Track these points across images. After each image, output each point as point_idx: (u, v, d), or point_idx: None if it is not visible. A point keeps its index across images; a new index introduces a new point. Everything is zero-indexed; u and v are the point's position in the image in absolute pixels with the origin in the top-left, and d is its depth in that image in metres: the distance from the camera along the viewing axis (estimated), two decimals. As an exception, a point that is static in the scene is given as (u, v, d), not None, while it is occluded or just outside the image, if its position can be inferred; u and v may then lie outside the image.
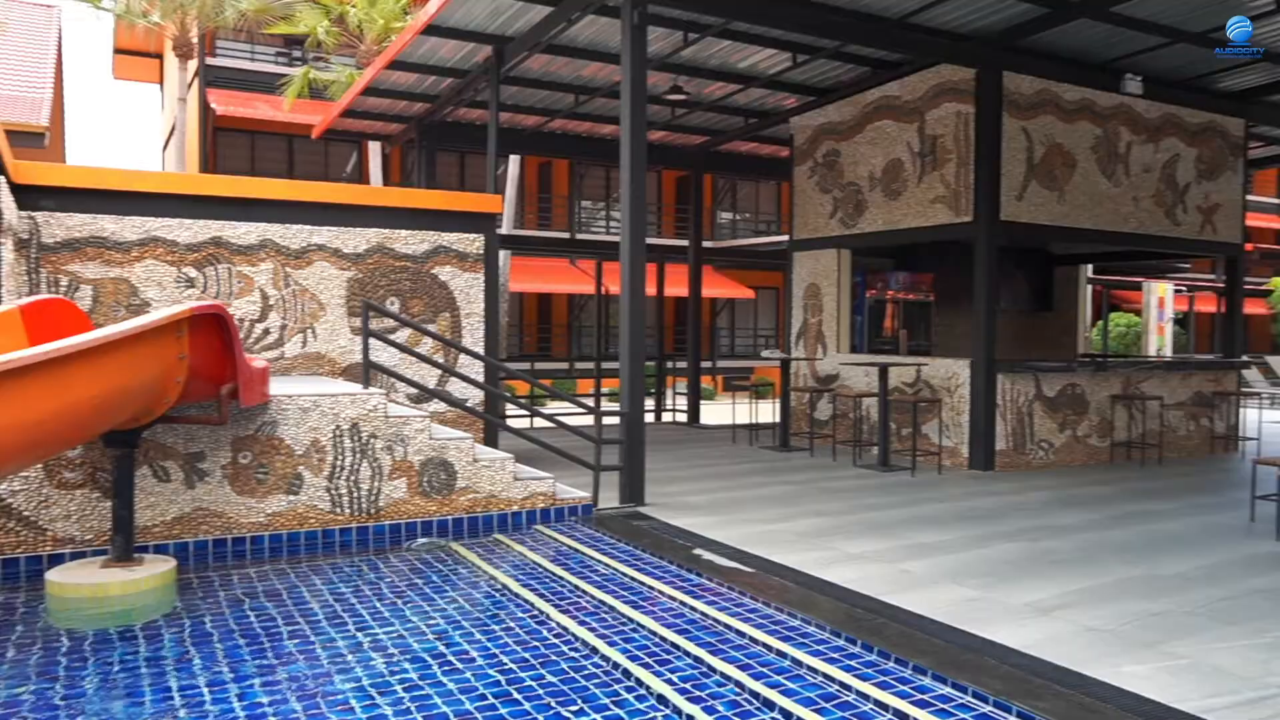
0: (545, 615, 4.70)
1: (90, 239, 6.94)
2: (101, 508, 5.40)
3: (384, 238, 7.83)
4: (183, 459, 5.62)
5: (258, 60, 24.57)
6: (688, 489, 7.90)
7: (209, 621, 4.59)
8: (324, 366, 7.60)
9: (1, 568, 5.21)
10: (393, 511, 6.19)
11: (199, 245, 7.25)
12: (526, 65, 10.31)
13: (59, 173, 7.24)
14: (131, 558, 4.94)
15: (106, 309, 6.92)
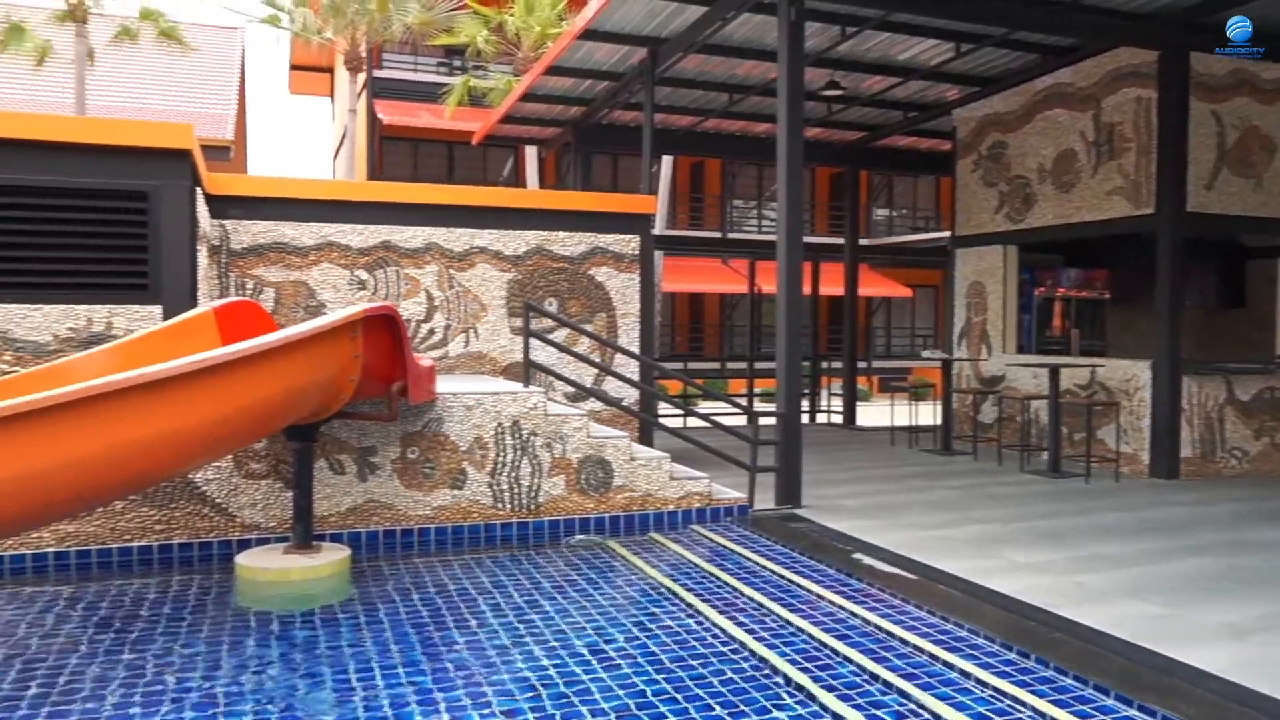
0: (702, 615, 4.69)
1: (272, 244, 7.39)
2: (284, 497, 5.73)
3: (543, 240, 8.01)
4: (356, 453, 5.91)
5: (420, 71, 25.63)
6: (844, 492, 7.72)
7: (380, 608, 4.79)
8: (485, 366, 7.84)
9: (197, 550, 5.62)
10: (551, 508, 6.31)
11: (370, 249, 7.61)
12: (681, 66, 10.33)
13: (245, 183, 7.74)
14: (311, 545, 5.22)
15: (287, 310, 7.36)
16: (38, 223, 5.44)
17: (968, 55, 10.00)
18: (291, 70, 31.90)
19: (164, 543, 5.57)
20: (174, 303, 5.59)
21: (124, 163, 5.59)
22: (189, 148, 5.76)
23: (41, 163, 5.45)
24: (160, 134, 5.74)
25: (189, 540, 5.61)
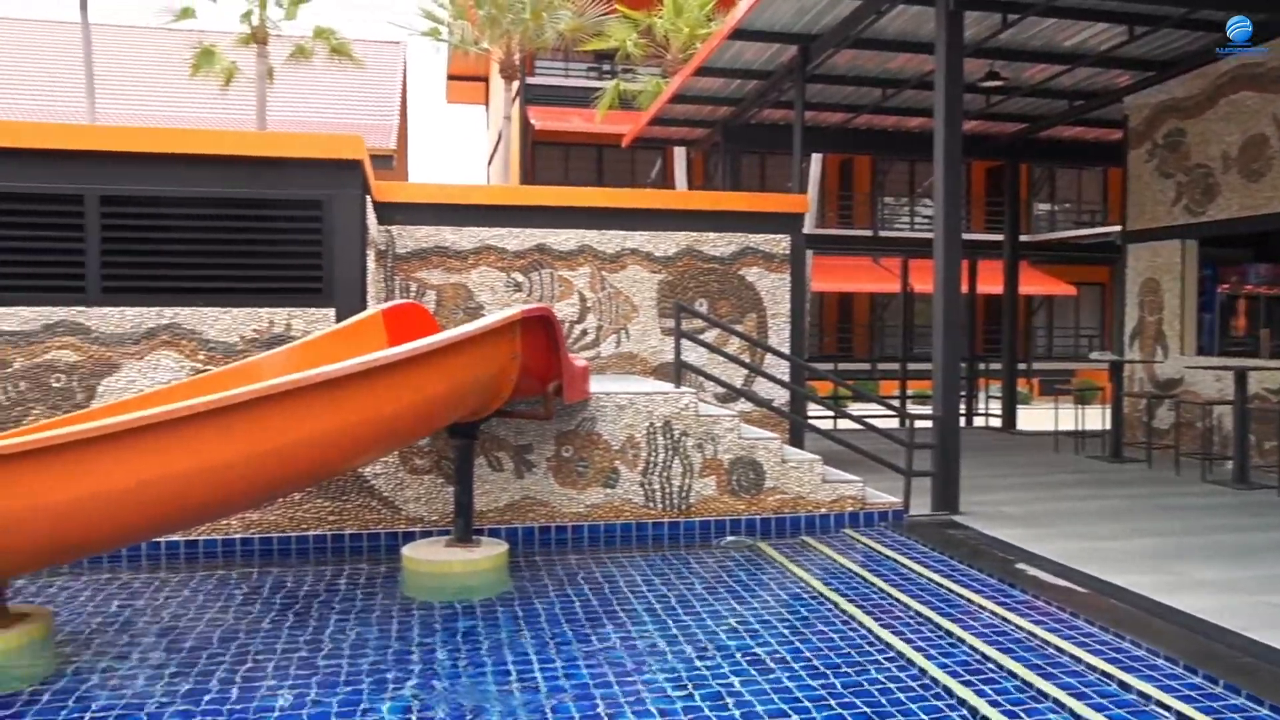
0: (856, 621, 4.60)
1: (434, 248, 7.70)
2: (445, 492, 5.96)
3: (693, 240, 8.04)
4: (513, 451, 6.08)
5: (571, 76, 26.15)
6: (1004, 498, 7.42)
7: (537, 603, 4.92)
8: (636, 366, 7.93)
9: (366, 541, 5.91)
10: (702, 508, 6.32)
11: (525, 252, 7.82)
12: (832, 62, 10.16)
13: (409, 190, 8.10)
14: (471, 540, 5.41)
15: (447, 311, 7.65)
16: (226, 231, 5.86)
17: (1142, 39, 9.42)
18: (449, 80, 33.14)
19: (336, 532, 5.89)
20: (346, 305, 5.90)
21: (301, 174, 5.95)
22: (360, 158, 6.07)
23: (229, 176, 5.86)
24: (334, 146, 6.08)
25: (359, 531, 5.92)
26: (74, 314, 5.65)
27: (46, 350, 5.62)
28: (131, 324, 5.71)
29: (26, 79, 23.42)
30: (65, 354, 5.64)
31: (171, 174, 5.80)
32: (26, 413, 5.58)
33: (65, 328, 5.64)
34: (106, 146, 5.83)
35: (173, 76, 22.61)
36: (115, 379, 5.68)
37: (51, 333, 5.62)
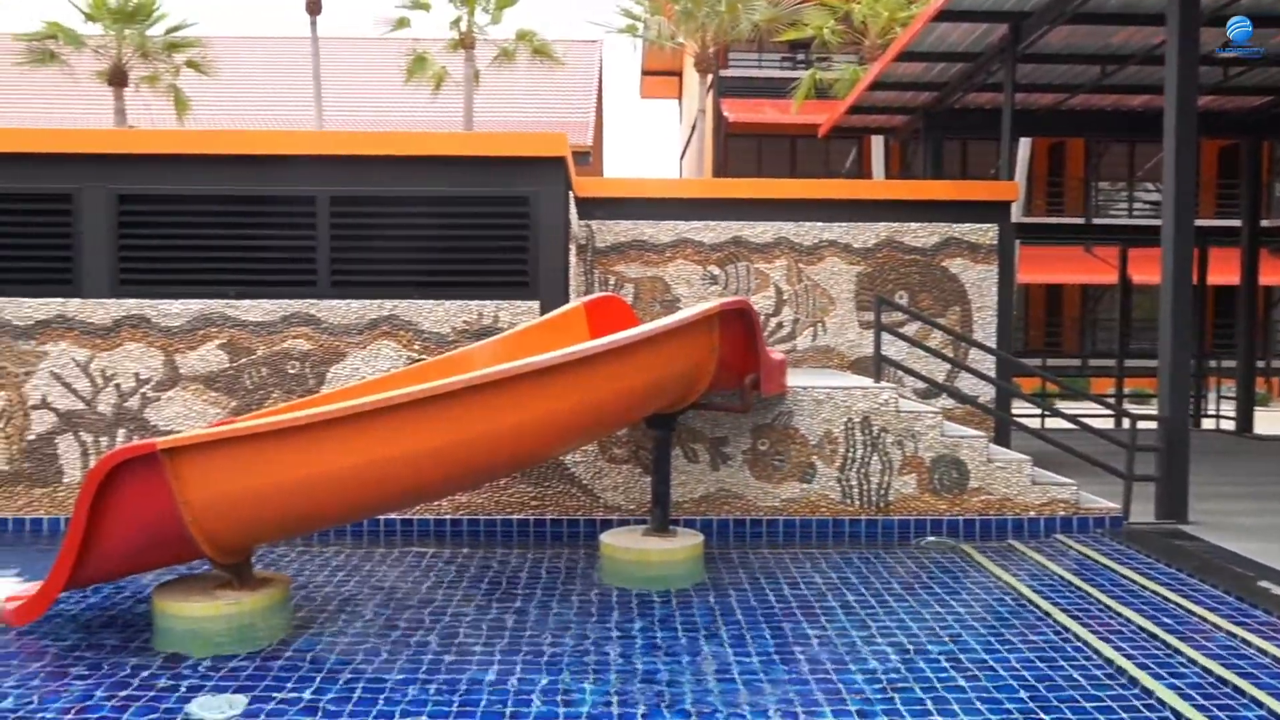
0: (1070, 633, 4.34)
1: (632, 242, 7.84)
2: (642, 482, 6.07)
3: (893, 232, 7.81)
4: (709, 443, 6.12)
5: (765, 67, 25.96)
6: (1241, 508, 6.79)
7: (732, 595, 4.93)
8: (833, 360, 7.79)
9: (566, 527, 6.11)
10: (901, 507, 6.14)
11: (721, 245, 7.84)
12: (1045, 40, 9.60)
13: (608, 185, 8.28)
14: (667, 530, 5.48)
15: (644, 304, 7.78)
16: (440, 228, 6.19)
17: None
18: (643, 76, 33.65)
19: (538, 517, 6.11)
20: (550, 298, 6.11)
21: (509, 172, 6.20)
22: (563, 155, 6.26)
23: (442, 175, 6.19)
24: (539, 144, 6.30)
25: (559, 517, 6.12)
26: (307, 306, 6.13)
27: (284, 339, 6.13)
28: (356, 315, 6.14)
29: (260, 92, 25.59)
30: (300, 343, 6.13)
31: (391, 175, 6.19)
32: (267, 396, 6.12)
33: (300, 319, 6.13)
34: (335, 151, 6.28)
35: (388, 84, 24.10)
36: (342, 366, 6.13)
37: (288, 323, 6.13)
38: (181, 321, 6.16)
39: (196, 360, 6.16)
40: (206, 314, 6.15)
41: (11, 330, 6.16)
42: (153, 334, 6.16)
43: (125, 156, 6.25)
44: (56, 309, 6.17)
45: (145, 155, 6.26)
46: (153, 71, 19.61)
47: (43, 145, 6.29)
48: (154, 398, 6.16)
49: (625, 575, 5.17)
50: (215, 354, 6.15)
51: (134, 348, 6.16)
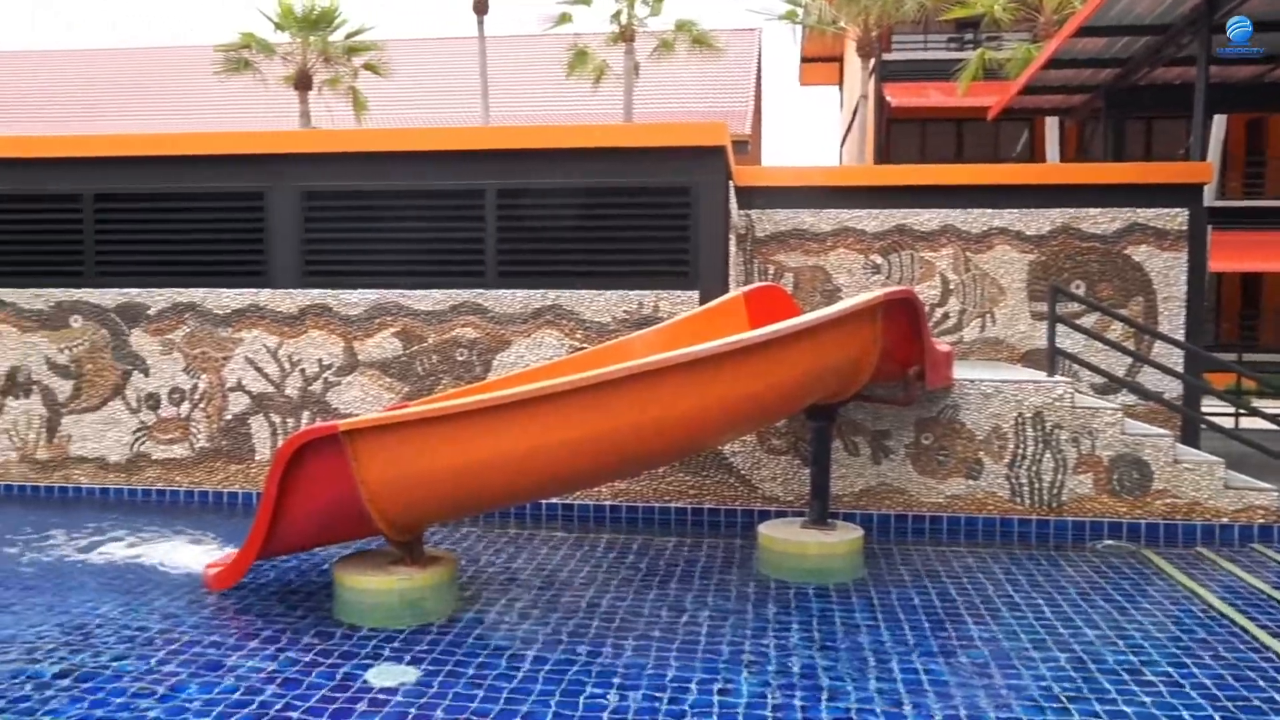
0: (1272, 652, 4.00)
1: (792, 231, 7.74)
2: (801, 474, 6.00)
3: (1069, 218, 7.40)
4: (870, 435, 5.98)
5: (930, 49, 25.05)
6: None
7: (892, 592, 4.80)
8: (1002, 352, 7.47)
9: (723, 517, 6.11)
10: (1076, 508, 5.83)
11: (884, 233, 7.63)
12: (1247, 6, 8.85)
13: (768, 174, 8.20)
14: (826, 523, 5.39)
15: (804, 294, 7.66)
16: (601, 219, 6.29)
17: None
18: (802, 63, 33.11)
19: (695, 506, 6.14)
20: (710, 288, 6.11)
21: (669, 162, 6.23)
22: (723, 144, 6.24)
23: (603, 167, 6.28)
24: (699, 133, 6.29)
25: (716, 506, 6.12)
26: (475, 296, 6.36)
27: (453, 328, 6.38)
28: (521, 305, 6.32)
29: (430, 91, 26.67)
30: (467, 331, 6.37)
31: (555, 167, 6.33)
32: (437, 382, 6.38)
33: (468, 308, 6.36)
34: (501, 146, 6.48)
35: (550, 79, 24.65)
36: (507, 354, 6.33)
37: (457, 312, 6.37)
38: (360, 310, 6.50)
39: (373, 347, 6.49)
40: (382, 303, 6.47)
41: (212, 319, 6.67)
42: (334, 322, 6.53)
43: (310, 156, 6.65)
44: (250, 299, 6.63)
45: (327, 154, 6.63)
46: (334, 75, 20.76)
47: (239, 147, 6.77)
48: (335, 382, 6.54)
49: (783, 567, 5.12)
50: (390, 341, 6.47)
51: (317, 335, 6.56)
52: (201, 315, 6.69)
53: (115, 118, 25.43)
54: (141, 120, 24.84)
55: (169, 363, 6.74)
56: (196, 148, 6.80)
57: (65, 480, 6.87)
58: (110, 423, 6.81)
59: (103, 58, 30.25)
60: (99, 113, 26.10)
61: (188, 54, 28.82)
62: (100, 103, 27.03)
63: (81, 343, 6.83)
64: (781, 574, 5.07)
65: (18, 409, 6.91)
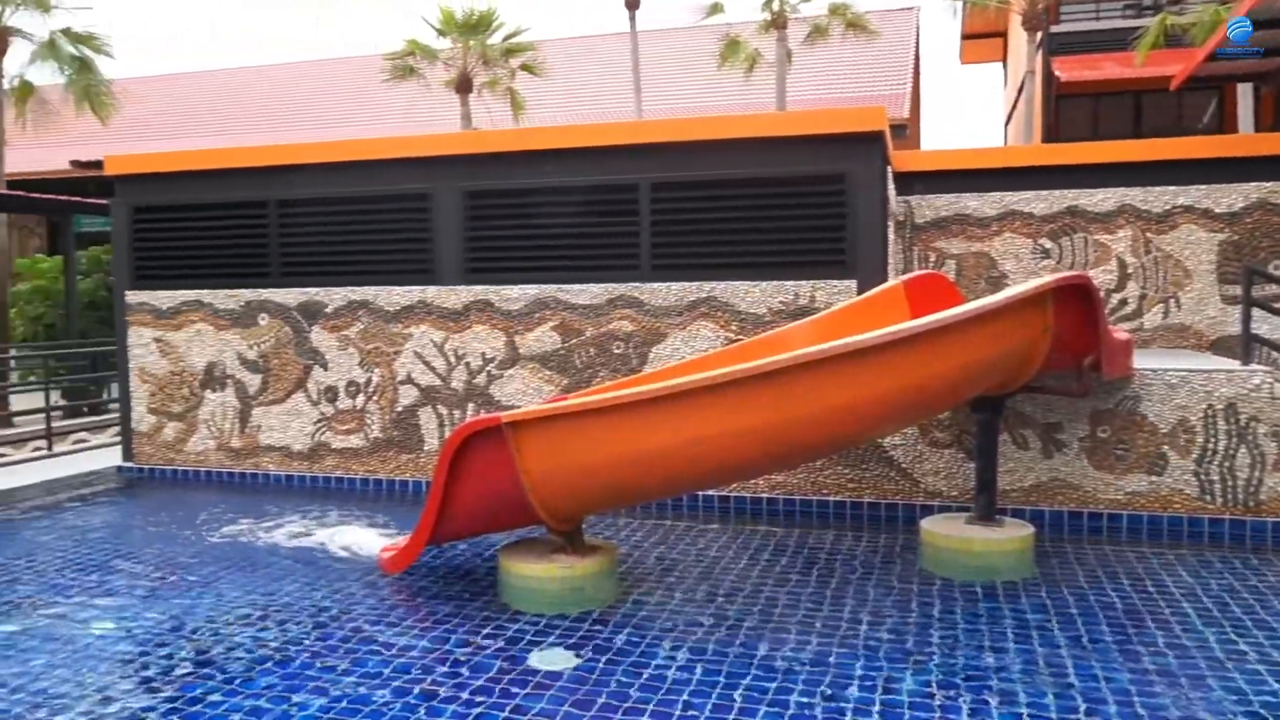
0: None
1: (954, 217, 7.46)
2: (965, 468, 5.78)
3: (1267, 193, 6.83)
4: (1040, 428, 5.70)
5: (1103, 19, 23.60)
6: None
7: (1066, 593, 4.57)
8: (1188, 339, 6.97)
9: (884, 511, 5.96)
10: (1276, 507, 5.38)
11: (1054, 215, 7.25)
12: None
13: (928, 158, 7.93)
14: (992, 518, 5.18)
15: (968, 281, 7.37)
16: (754, 209, 6.23)
17: None
18: (963, 40, 31.83)
19: (854, 500, 6.01)
20: (867, 277, 5.97)
21: (823, 149, 6.11)
22: (880, 129, 6.07)
23: (756, 157, 6.22)
24: (855, 119, 6.15)
25: (876, 500, 5.98)
26: (631, 289, 6.43)
27: (610, 321, 6.48)
28: (676, 297, 6.35)
29: (585, 88, 27.13)
30: (624, 324, 6.45)
31: (707, 159, 6.32)
32: (594, 374, 6.50)
33: (624, 301, 6.45)
34: (654, 139, 6.52)
35: (702, 71, 24.63)
36: (663, 347, 6.38)
37: (613, 306, 6.46)
38: (520, 305, 6.69)
39: (533, 341, 6.67)
40: (542, 298, 6.64)
41: (383, 315, 7.01)
42: (496, 317, 6.75)
43: (471, 157, 6.88)
44: (418, 296, 6.94)
45: (488, 154, 6.86)
46: (492, 77, 21.42)
47: (405, 151, 7.09)
48: (497, 375, 6.76)
49: (947, 564, 4.95)
50: (549, 335, 6.63)
51: (481, 330, 6.79)
52: (374, 312, 7.05)
53: (294, 128, 27.11)
54: (317, 129, 26.38)
55: (345, 358, 7.14)
56: (367, 153, 7.17)
57: (255, 467, 7.39)
58: (294, 414, 7.27)
59: (280, 72, 32.31)
60: (280, 124, 27.88)
61: (356, 65, 30.42)
62: (280, 114, 28.88)
63: (268, 339, 7.32)
64: (946, 571, 4.91)
65: (215, 401, 7.48)
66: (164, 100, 29.86)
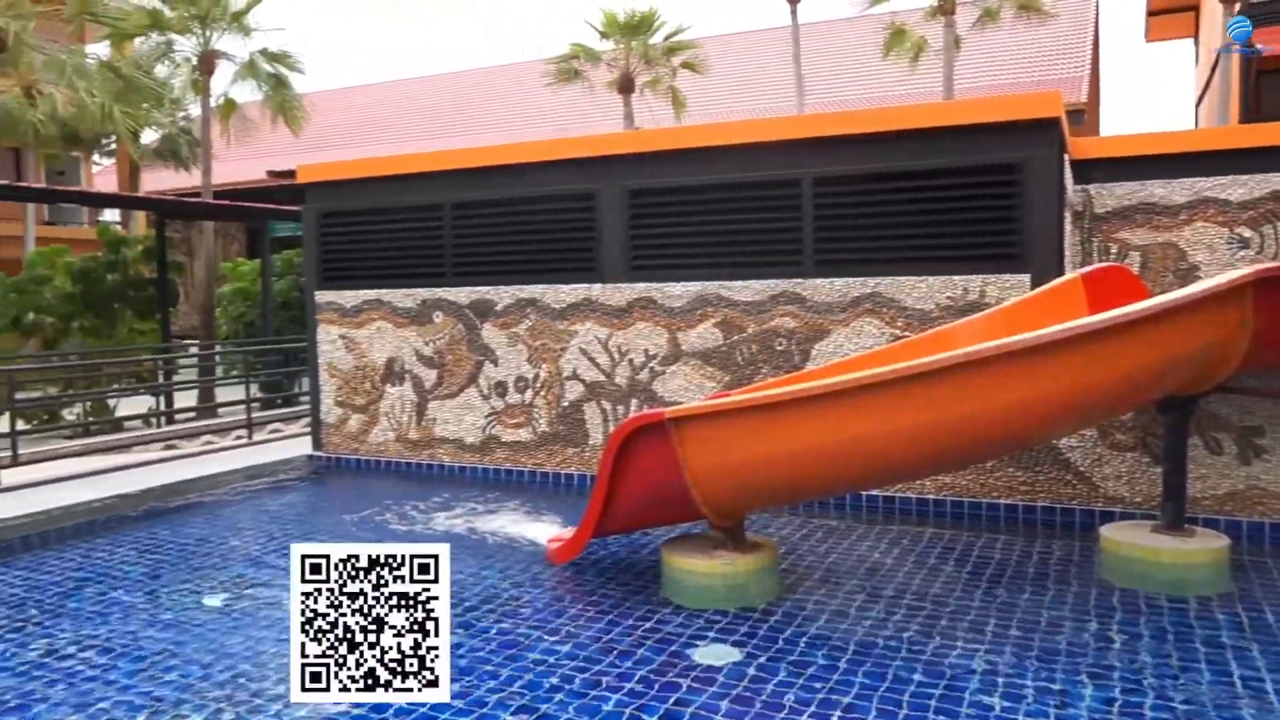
0: None
1: (1138, 205, 7.01)
2: (1150, 473, 5.45)
3: None
4: (1238, 432, 5.31)
5: (1315, -15, 21.60)
6: None
7: (1266, 610, 4.25)
8: None
9: (1059, 516, 5.70)
10: None
11: (1254, 202, 6.70)
12: None
13: (1109, 144, 7.48)
14: (1181, 527, 4.86)
15: (1153, 274, 6.92)
16: (920, 202, 6.07)
17: None
18: (1149, 16, 29.83)
19: (1027, 504, 5.77)
20: (1042, 271, 5.71)
21: (995, 138, 5.89)
22: (1056, 115, 5.80)
23: (922, 148, 6.06)
24: (1028, 106, 5.89)
25: (1051, 505, 5.72)
26: (793, 286, 6.39)
27: (772, 318, 6.45)
28: (839, 294, 6.26)
29: (745, 84, 27.02)
30: (786, 321, 6.41)
31: (870, 151, 6.19)
32: (756, 371, 6.49)
33: (786, 298, 6.41)
34: (815, 133, 6.44)
35: (864, 62, 24.10)
36: (825, 344, 6.30)
37: (775, 302, 6.44)
38: (682, 302, 6.76)
39: (695, 338, 6.72)
40: (704, 295, 6.68)
41: (550, 312, 7.23)
42: (658, 314, 6.84)
43: (633, 156, 7.00)
44: (583, 293, 7.12)
45: (649, 153, 6.95)
46: (654, 76, 21.66)
47: (571, 152, 7.28)
48: (660, 371, 6.85)
49: (1129, 574, 4.69)
50: (711, 332, 6.67)
51: (643, 326, 6.90)
52: (541, 309, 7.28)
53: (462, 133, 28.24)
54: (484, 134, 27.40)
55: (514, 354, 7.41)
56: (534, 155, 7.41)
57: (431, 458, 7.77)
58: (466, 408, 7.61)
59: (446, 81, 33.70)
60: (449, 130, 29.10)
61: (514, 71, 31.41)
62: (449, 121, 30.13)
63: (443, 336, 7.68)
64: (1128, 582, 4.64)
65: (394, 395, 7.91)
66: (342, 112, 31.71)
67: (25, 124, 20.70)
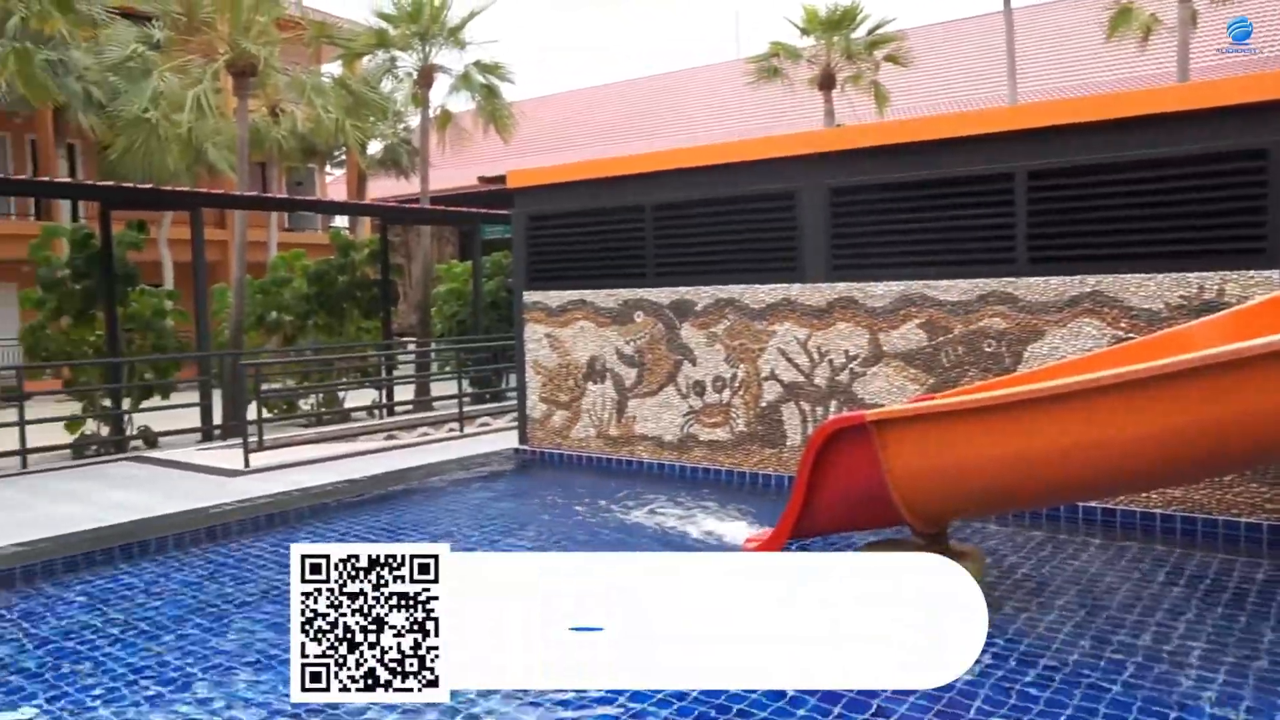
0: None
1: None
2: None
3: None
4: None
5: None
6: None
7: None
8: None
9: (1308, 538, 5.15)
10: None
11: None
12: None
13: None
14: None
15: None
16: (1147, 194, 5.64)
17: None
18: None
19: (1272, 523, 5.25)
20: (1293, 267, 5.18)
21: (1237, 122, 5.39)
22: (1314, 95, 5.23)
23: (1150, 135, 5.62)
24: (1276, 85, 5.34)
25: (1302, 524, 5.18)
26: (1003, 284, 6.09)
27: (980, 318, 6.18)
28: (1055, 293, 5.91)
29: (953, 75, 25.96)
30: (995, 321, 6.12)
31: (1092, 141, 5.81)
32: (963, 374, 6.24)
33: (996, 297, 6.12)
34: (1030, 124, 6.11)
35: (1085, 46, 22.62)
36: (1039, 345, 5.97)
37: (984, 302, 6.16)
38: (885, 302, 6.59)
39: (898, 338, 6.54)
40: (907, 295, 6.48)
41: (748, 312, 7.23)
42: (860, 314, 6.70)
43: (835, 154, 6.88)
44: (782, 293, 7.07)
45: (851, 150, 6.81)
46: (855, 71, 21.20)
47: (771, 151, 7.25)
48: (860, 373, 6.70)
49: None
50: (915, 333, 6.46)
51: (844, 327, 6.78)
52: (740, 310, 7.28)
53: (661, 136, 28.65)
54: (682, 135, 27.68)
55: (712, 354, 7.45)
56: (735, 155, 7.42)
57: (630, 455, 7.94)
58: (665, 406, 7.72)
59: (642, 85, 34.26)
60: (647, 133, 29.60)
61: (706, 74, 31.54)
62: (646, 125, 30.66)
63: (643, 335, 7.83)
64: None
65: (596, 392, 8.15)
66: (542, 118, 32.87)
67: (270, 140, 22.83)
